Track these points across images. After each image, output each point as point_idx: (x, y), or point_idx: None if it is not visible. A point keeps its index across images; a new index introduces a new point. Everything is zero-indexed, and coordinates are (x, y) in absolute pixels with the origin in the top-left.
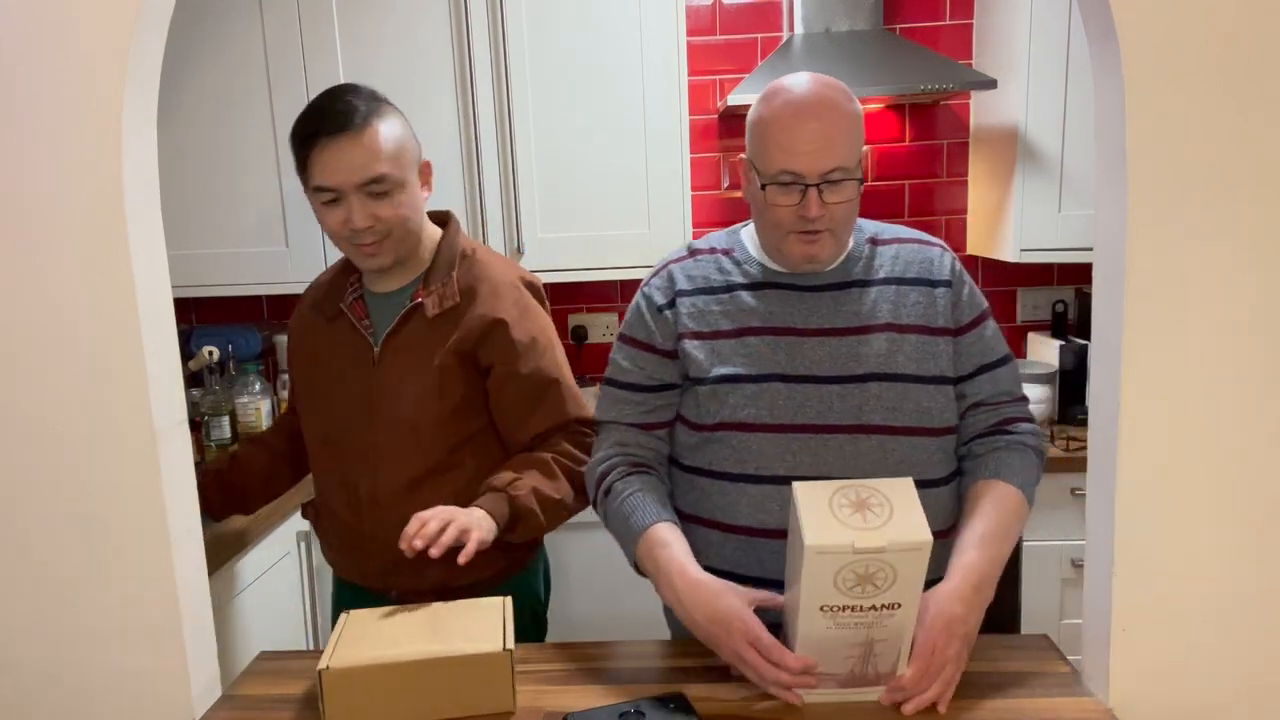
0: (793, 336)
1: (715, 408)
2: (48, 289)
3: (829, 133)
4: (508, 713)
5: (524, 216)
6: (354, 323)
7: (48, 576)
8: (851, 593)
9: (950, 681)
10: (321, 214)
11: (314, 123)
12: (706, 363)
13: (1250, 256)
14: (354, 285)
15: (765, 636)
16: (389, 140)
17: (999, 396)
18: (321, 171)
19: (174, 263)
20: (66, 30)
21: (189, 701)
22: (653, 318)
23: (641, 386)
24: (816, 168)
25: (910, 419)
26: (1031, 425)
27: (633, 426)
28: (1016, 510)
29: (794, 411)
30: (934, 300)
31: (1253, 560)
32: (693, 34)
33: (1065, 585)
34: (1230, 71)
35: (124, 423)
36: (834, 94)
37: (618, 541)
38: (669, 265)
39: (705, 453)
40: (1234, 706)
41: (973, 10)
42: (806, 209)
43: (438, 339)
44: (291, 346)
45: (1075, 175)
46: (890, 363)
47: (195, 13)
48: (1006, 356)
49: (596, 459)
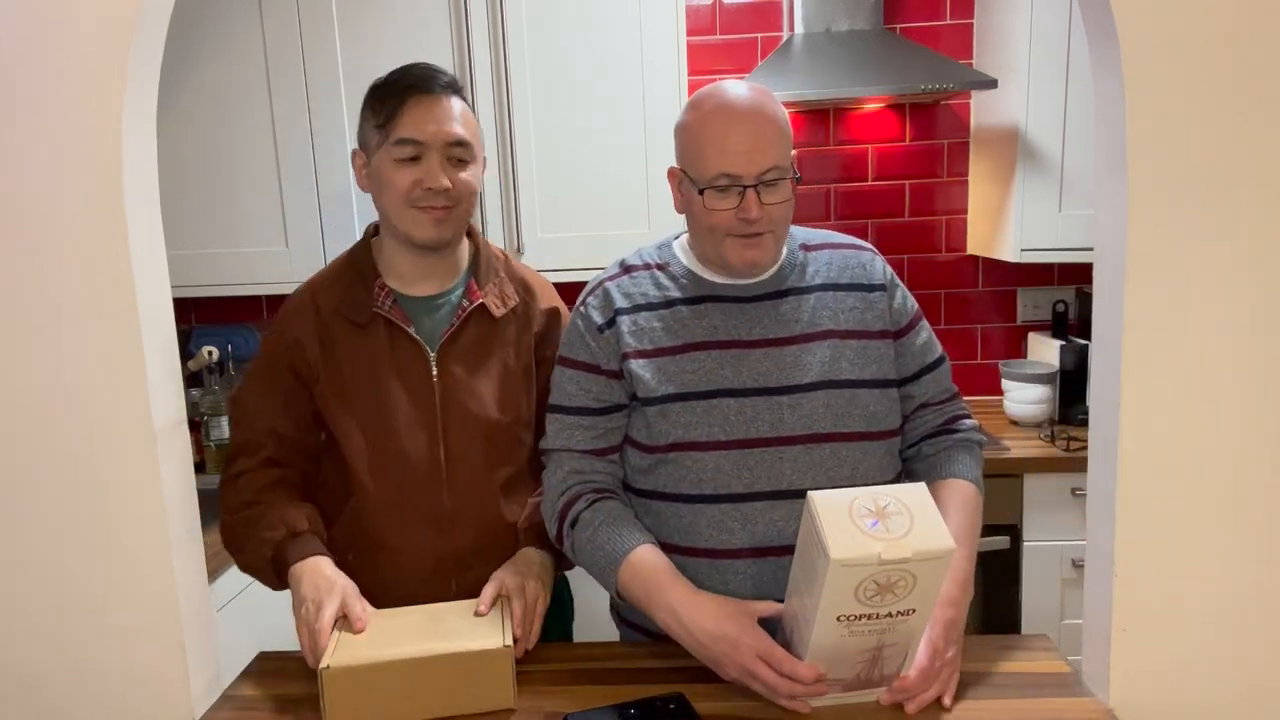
0: (738, 349)
1: (666, 428)
2: (48, 289)
3: (762, 133)
4: (508, 710)
5: (524, 216)
6: (400, 328)
7: (47, 576)
8: (871, 602)
9: (949, 681)
10: (392, 172)
11: (409, 79)
12: (654, 381)
13: (1250, 256)
14: (383, 289)
15: (776, 650)
16: (470, 114)
17: (942, 395)
18: (411, 125)
19: (174, 263)
20: (66, 30)
21: (189, 701)
22: (593, 338)
23: (589, 410)
24: (753, 169)
25: (859, 424)
26: (972, 421)
27: (586, 454)
28: (977, 507)
29: (746, 426)
30: (870, 304)
31: (1253, 560)
32: (693, 34)
33: (1065, 585)
34: (1230, 71)
35: (124, 423)
36: (761, 96)
37: (592, 572)
38: (604, 283)
39: (659, 475)
40: (1234, 706)
41: (973, 10)
42: (746, 211)
43: (505, 339)
44: (311, 359)
45: (1075, 175)
46: (835, 369)
47: (195, 13)
48: (942, 356)
49: (554, 489)
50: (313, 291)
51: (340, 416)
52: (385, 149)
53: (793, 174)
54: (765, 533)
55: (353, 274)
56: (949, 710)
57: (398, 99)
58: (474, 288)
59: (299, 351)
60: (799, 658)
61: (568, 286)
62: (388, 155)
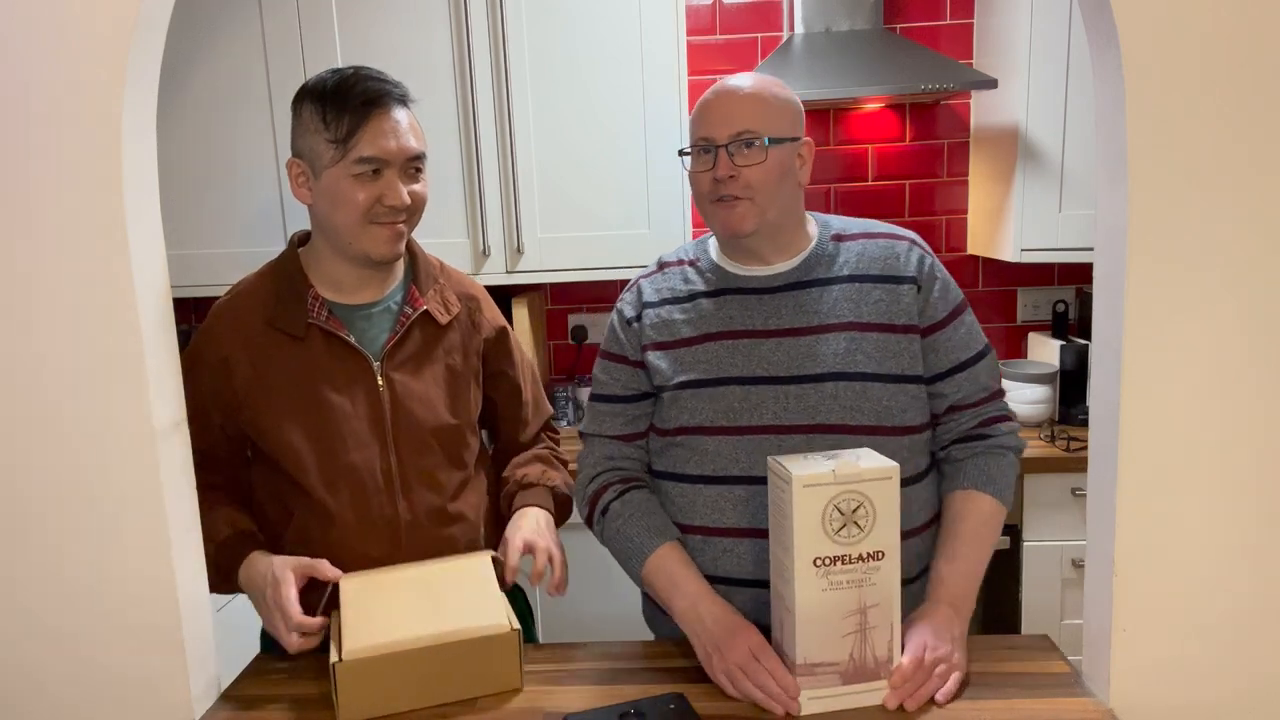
0: (750, 339)
1: (675, 413)
2: (48, 289)
3: (741, 103)
4: (515, 690)
5: (524, 216)
6: (339, 338)
7: (47, 576)
8: (839, 537)
9: (945, 678)
10: (350, 188)
11: (366, 92)
12: (669, 370)
13: (1250, 256)
14: (316, 299)
15: (770, 651)
16: (417, 122)
17: (977, 394)
18: (372, 143)
19: (174, 263)
20: (66, 30)
21: (189, 701)
22: (623, 331)
23: (620, 398)
24: (726, 130)
25: (869, 418)
26: (1010, 424)
27: (616, 439)
28: (989, 519)
29: (750, 413)
30: (898, 297)
31: (1253, 560)
32: (693, 34)
33: (1065, 585)
34: (1230, 72)
35: (123, 422)
36: (762, 80)
37: (618, 559)
38: (639, 280)
39: (668, 457)
40: (1234, 706)
41: (973, 10)
42: (717, 170)
43: (450, 344)
44: (240, 380)
45: (1075, 175)
46: (849, 361)
47: (195, 13)
48: (983, 350)
49: (586, 474)
50: (238, 305)
51: (280, 432)
52: (343, 165)
53: (778, 140)
54: (758, 515)
55: (283, 285)
56: (944, 708)
57: (359, 115)
58: (415, 294)
59: (225, 373)
60: (791, 649)
61: (568, 286)
62: (344, 171)
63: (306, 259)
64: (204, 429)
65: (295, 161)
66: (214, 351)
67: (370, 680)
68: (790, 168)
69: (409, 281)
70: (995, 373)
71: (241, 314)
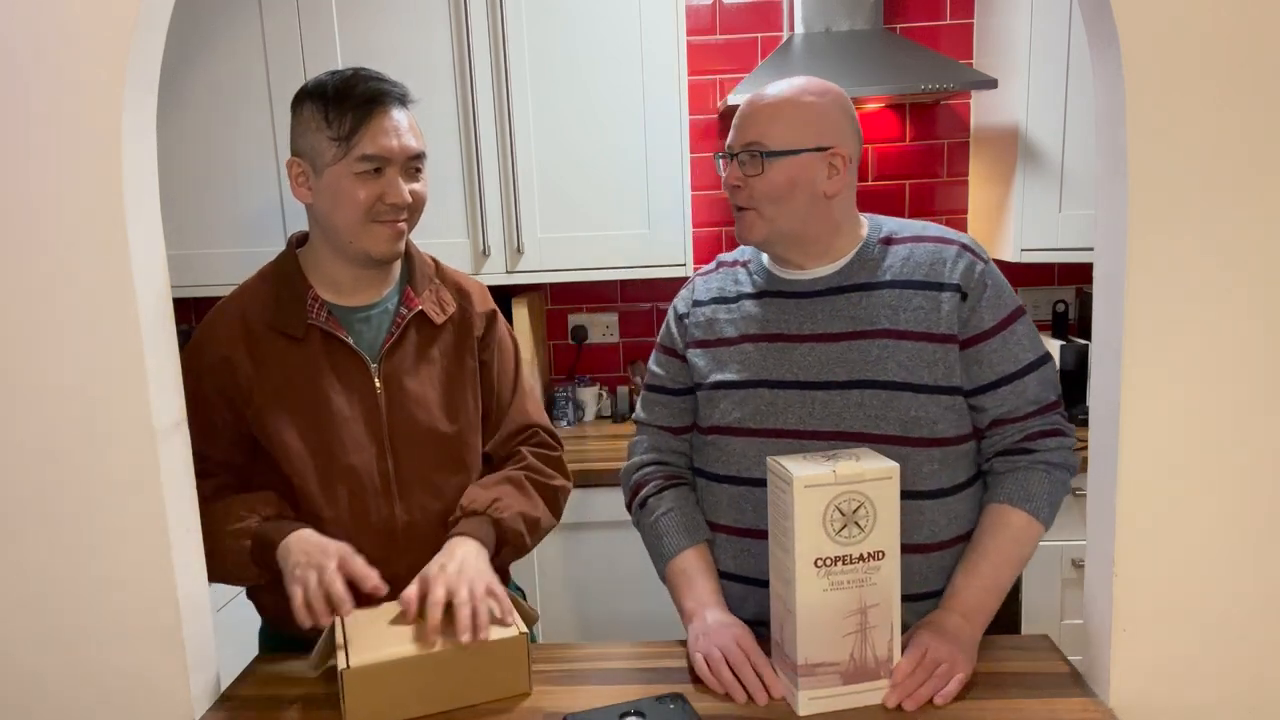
0: (783, 343)
1: (709, 412)
2: (48, 289)
3: (759, 112)
4: (523, 694)
5: (524, 216)
6: (338, 339)
7: (47, 576)
8: (840, 537)
9: (946, 678)
10: (352, 186)
11: (367, 91)
12: (706, 369)
13: (1250, 256)
14: (316, 300)
15: (760, 652)
16: (416, 122)
17: (1025, 409)
18: (375, 141)
19: (174, 263)
20: (66, 30)
21: (189, 701)
22: (675, 325)
23: (670, 389)
24: (740, 139)
25: (894, 427)
26: (1058, 440)
27: (664, 430)
28: (1019, 534)
29: (776, 416)
30: (939, 305)
31: (1253, 560)
32: (693, 34)
33: (1065, 585)
34: (1230, 72)
35: (123, 422)
36: (794, 88)
37: (648, 551)
38: (696, 277)
39: (701, 455)
40: (1234, 706)
41: (973, 10)
42: (728, 178)
43: (445, 345)
44: (243, 378)
45: (1075, 175)
46: (879, 369)
47: (195, 13)
48: (1037, 360)
49: (633, 462)
50: (239, 306)
51: (280, 433)
52: (345, 163)
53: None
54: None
55: (282, 286)
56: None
57: (361, 113)
58: (411, 295)
59: (228, 371)
60: (792, 649)
61: (568, 286)
62: (346, 169)
63: (305, 260)
64: (206, 431)
65: (295, 161)
66: (214, 351)
67: (378, 687)
68: (804, 179)
69: (404, 283)
70: (1050, 385)
71: (241, 314)
